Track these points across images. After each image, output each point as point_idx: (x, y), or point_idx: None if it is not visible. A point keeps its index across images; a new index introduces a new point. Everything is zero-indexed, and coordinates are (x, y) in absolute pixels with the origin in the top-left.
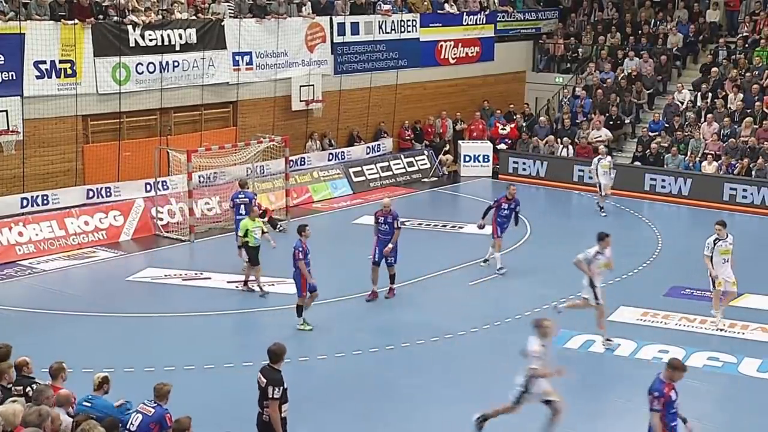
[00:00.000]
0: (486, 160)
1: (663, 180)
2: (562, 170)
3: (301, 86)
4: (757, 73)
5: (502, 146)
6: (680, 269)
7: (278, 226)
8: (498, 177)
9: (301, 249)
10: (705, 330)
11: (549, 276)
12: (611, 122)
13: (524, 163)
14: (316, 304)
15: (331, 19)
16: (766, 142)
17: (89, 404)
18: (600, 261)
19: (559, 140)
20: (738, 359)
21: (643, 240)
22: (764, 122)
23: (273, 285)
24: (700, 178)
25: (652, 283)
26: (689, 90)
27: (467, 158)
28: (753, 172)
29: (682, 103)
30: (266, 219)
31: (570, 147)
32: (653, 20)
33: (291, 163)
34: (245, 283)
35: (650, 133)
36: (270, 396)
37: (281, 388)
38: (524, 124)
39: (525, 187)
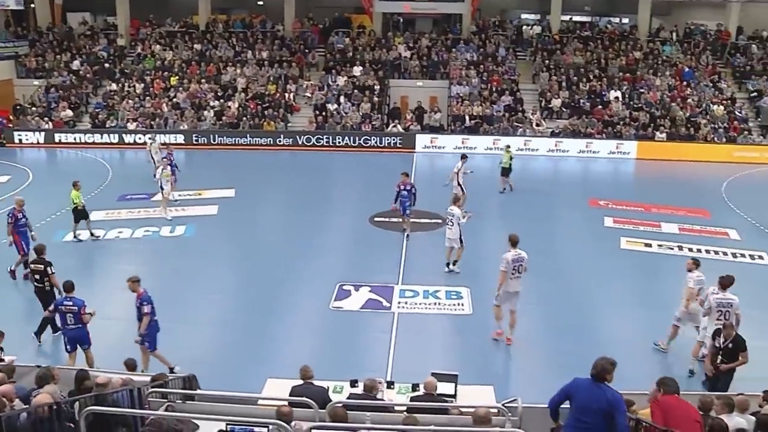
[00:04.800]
0: None
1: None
2: None
3: None
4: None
5: None
6: (125, 185)
7: None
8: None
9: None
10: (143, 216)
11: None
12: None
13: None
14: None
15: None
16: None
17: None
18: (461, 219)
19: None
20: (159, 229)
21: (96, 173)
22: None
23: None
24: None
25: (108, 196)
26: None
27: None
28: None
29: None
30: None
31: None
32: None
33: None
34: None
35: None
36: None
37: None
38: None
39: None
